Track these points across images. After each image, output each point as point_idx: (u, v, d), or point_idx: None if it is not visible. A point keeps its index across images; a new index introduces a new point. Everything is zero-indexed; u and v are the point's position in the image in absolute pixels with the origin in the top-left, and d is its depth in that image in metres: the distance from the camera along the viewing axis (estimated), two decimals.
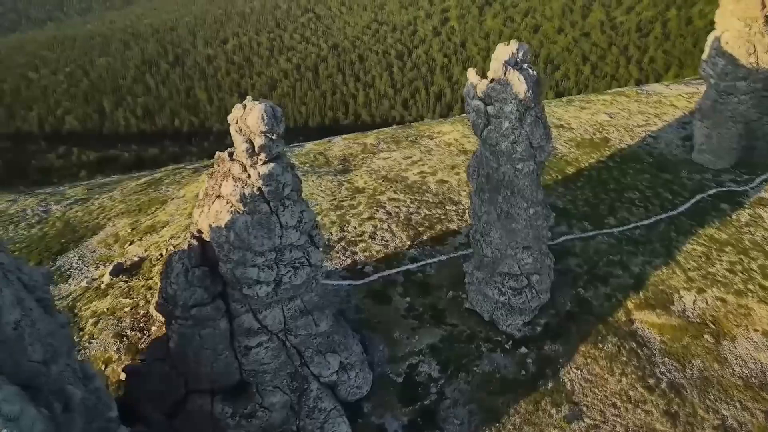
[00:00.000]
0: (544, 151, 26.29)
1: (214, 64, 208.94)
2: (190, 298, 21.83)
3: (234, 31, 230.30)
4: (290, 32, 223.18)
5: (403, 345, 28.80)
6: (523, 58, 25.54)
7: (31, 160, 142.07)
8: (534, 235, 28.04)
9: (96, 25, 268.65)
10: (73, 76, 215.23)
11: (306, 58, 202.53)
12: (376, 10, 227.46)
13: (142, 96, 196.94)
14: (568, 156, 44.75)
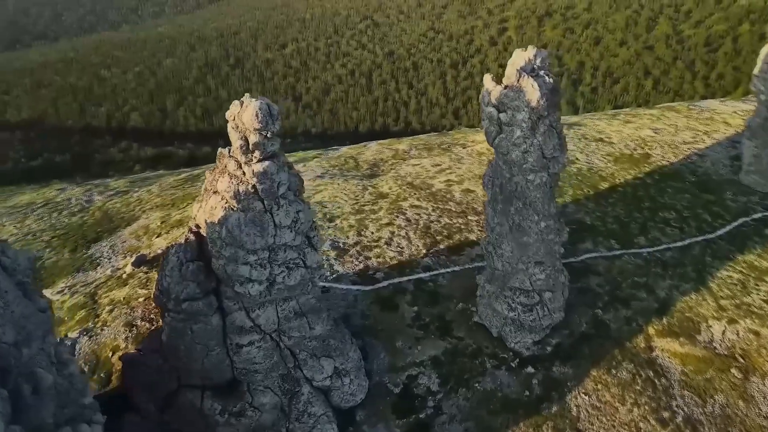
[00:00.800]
0: (558, 162, 25.09)
1: (272, 67, 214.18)
2: (182, 292, 22.01)
3: (293, 37, 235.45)
4: (347, 38, 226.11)
5: (405, 355, 28.09)
6: (541, 65, 24.52)
7: (95, 153, 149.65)
8: (546, 251, 26.80)
9: (166, 28, 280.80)
10: (142, 75, 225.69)
11: (361, 64, 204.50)
12: (434, 18, 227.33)
13: (202, 96, 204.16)
14: (603, 171, 42.82)
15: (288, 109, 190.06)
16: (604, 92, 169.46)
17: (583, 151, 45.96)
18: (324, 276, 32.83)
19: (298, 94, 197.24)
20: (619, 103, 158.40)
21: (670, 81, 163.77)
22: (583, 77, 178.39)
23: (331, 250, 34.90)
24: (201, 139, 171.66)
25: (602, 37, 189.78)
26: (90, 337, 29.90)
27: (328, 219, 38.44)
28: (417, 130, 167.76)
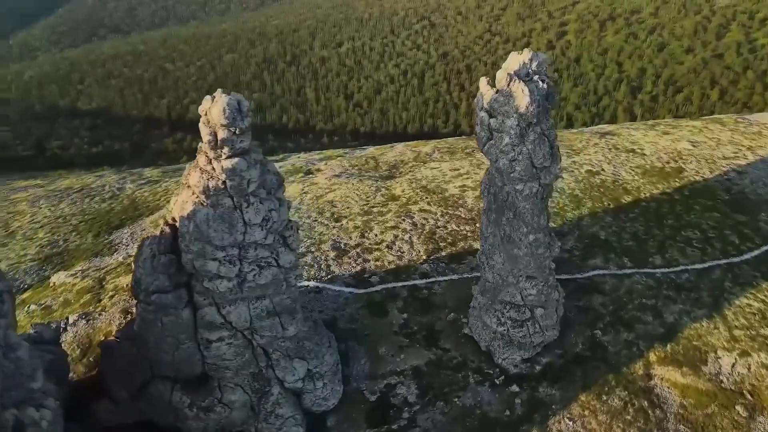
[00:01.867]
0: (550, 173, 23.75)
1: (326, 65, 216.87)
2: (152, 284, 22.23)
3: (350, 35, 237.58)
4: (403, 38, 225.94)
5: (386, 362, 27.42)
6: (537, 69, 23.25)
7: (151, 143, 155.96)
8: (536, 265, 25.48)
9: (230, 24, 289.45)
10: (203, 69, 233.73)
11: (414, 65, 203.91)
12: (492, 20, 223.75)
13: (257, 91, 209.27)
14: (629, 184, 40.53)
15: (339, 107, 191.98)
16: (665, 101, 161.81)
17: (611, 162, 43.71)
18: (319, 276, 32.62)
19: (350, 92, 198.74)
20: (680, 114, 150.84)
21: (739, 92, 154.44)
22: (643, 85, 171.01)
23: (331, 251, 34.62)
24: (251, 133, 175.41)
25: (668, 43, 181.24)
26: (87, 321, 30.79)
27: (335, 219, 38.17)
28: (466, 132, 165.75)
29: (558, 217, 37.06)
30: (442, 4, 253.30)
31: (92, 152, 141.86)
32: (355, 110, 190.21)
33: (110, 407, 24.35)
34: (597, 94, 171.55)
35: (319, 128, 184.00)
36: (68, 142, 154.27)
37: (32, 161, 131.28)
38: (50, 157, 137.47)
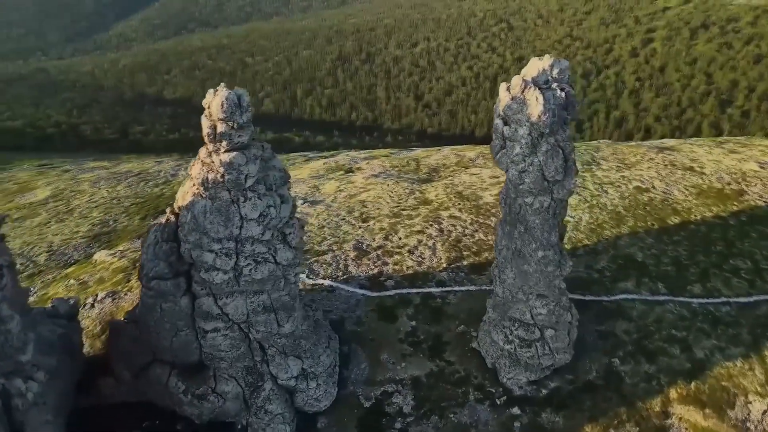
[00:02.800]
0: (564, 187, 22.31)
1: (399, 65, 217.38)
2: (151, 270, 22.84)
3: (426, 36, 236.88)
4: (479, 41, 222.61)
5: (387, 369, 26.83)
6: (558, 77, 21.91)
7: None
8: (546, 283, 24.06)
9: (309, 21, 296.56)
10: (280, 65, 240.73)
11: (488, 68, 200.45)
12: (573, 25, 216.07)
13: (330, 88, 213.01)
14: (680, 204, 37.65)
15: (408, 107, 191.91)
16: (758, 117, 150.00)
17: (664, 180, 40.79)
18: (335, 275, 32.46)
19: (420, 93, 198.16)
20: None
21: None
22: (734, 98, 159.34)
23: (352, 251, 34.38)
24: (319, 128, 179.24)
25: (765, 55, 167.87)
26: (113, 299, 32.22)
27: (363, 219, 37.91)
28: None
29: (594, 234, 34.99)
30: (522, 6, 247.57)
31: (169, 139, 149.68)
32: (423, 111, 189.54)
33: (114, 385, 25.28)
34: (681, 106, 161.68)
35: (387, 127, 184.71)
36: (150, 128, 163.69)
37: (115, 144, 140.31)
38: (132, 141, 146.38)
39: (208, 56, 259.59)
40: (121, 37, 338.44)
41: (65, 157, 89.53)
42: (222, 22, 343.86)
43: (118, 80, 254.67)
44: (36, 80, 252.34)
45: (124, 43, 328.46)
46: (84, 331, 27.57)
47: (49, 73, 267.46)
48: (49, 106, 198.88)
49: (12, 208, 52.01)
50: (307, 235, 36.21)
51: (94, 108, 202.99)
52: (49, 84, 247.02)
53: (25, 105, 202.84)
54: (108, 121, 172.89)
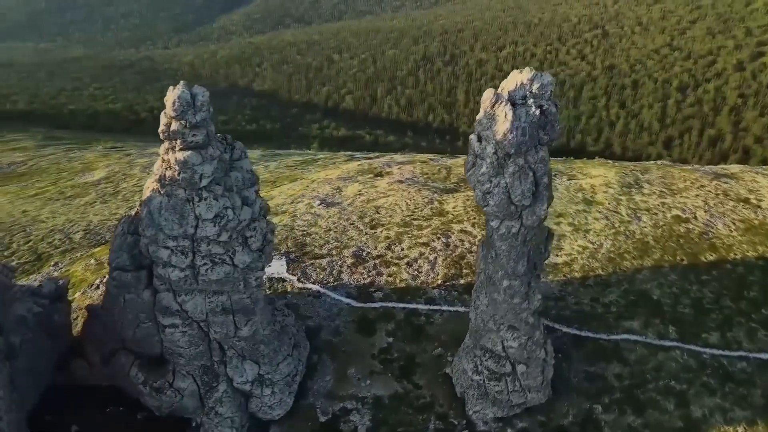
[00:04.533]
0: (534, 213, 20.32)
1: (482, 68, 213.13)
2: (114, 260, 23.31)
3: (513, 40, 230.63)
4: (569, 47, 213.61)
5: (351, 385, 25.90)
6: (538, 93, 19.93)
7: (299, 126, 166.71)
8: (513, 315, 22.12)
9: (399, 21, 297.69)
10: (365, 62, 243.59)
11: (574, 75, 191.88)
12: (675, 33, 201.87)
13: (410, 88, 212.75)
14: (721, 239, 33.68)
15: None
16: None
17: (709, 211, 36.70)
18: (326, 281, 31.87)
19: None
20: None
21: None
22: None
23: (350, 257, 33.64)
24: (393, 128, 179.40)
25: None
26: None
27: (371, 226, 37.03)
28: (617, 154, 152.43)
29: (611, 264, 32.04)
30: (621, 12, 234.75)
31: (246, 129, 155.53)
32: None
33: (85, 367, 26.13)
34: None
35: (462, 130, 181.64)
36: (231, 118, 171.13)
37: None
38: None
39: (297, 51, 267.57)
40: (223, 29, 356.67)
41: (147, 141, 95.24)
42: (316, 19, 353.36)
43: (214, 71, 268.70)
44: (141, 67, 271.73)
45: (225, 35, 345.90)
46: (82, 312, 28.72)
47: (154, 61, 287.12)
48: (149, 92, 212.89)
49: (68, 186, 55.90)
50: (311, 237, 35.91)
51: None
52: (153, 71, 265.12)
53: (128, 90, 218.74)
54: None
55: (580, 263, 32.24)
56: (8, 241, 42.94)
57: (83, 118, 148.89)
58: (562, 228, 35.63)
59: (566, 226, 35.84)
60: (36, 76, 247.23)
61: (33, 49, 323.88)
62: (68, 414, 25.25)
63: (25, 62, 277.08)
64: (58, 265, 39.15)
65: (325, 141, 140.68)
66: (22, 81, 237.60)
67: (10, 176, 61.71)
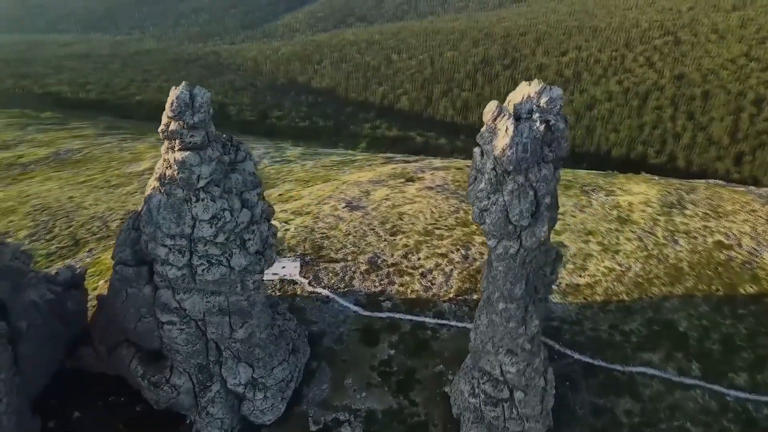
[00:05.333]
0: (533, 235, 19.11)
1: (543, 72, 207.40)
2: (117, 255, 23.71)
3: (577, 45, 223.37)
4: (636, 54, 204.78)
5: (346, 396, 25.38)
6: (546, 107, 18.75)
7: (351, 125, 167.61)
8: (509, 340, 20.95)
9: (461, 22, 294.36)
10: (423, 63, 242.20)
11: (640, 84, 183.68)
12: (753, 43, 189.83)
13: (467, 91, 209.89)
14: (766, 270, 31.00)
15: None
16: None
17: (757, 238, 33.91)
18: (336, 286, 31.46)
19: None
20: None
21: None
22: None
23: (365, 264, 33.13)
24: (446, 131, 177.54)
25: None
26: None
27: (392, 232, 36.37)
28: (680, 169, 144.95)
29: (638, 289, 30.07)
30: (696, 19, 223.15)
31: (299, 126, 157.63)
32: None
33: (92, 355, 26.82)
34: None
35: None
36: (287, 114, 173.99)
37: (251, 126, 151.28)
38: (267, 125, 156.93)
39: (357, 50, 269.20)
40: (287, 27, 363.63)
41: None
42: (378, 18, 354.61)
43: (276, 67, 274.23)
44: (207, 62, 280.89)
45: (289, 32, 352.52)
46: None
47: (220, 56, 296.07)
48: (210, 86, 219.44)
49: (115, 175, 58.10)
50: (330, 240, 35.62)
51: (248, 91, 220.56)
52: (217, 66, 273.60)
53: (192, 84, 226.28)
54: (253, 104, 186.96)
55: (603, 286, 30.43)
56: (51, 225, 44.94)
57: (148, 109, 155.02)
58: (590, 247, 33.80)
59: (595, 245, 33.97)
60: (110, 67, 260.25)
61: (110, 42, 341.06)
62: (72, 400, 25.97)
63: (101, 54, 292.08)
64: (92, 251, 40.62)
65: (375, 141, 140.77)
66: (97, 71, 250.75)
67: (66, 162, 64.81)
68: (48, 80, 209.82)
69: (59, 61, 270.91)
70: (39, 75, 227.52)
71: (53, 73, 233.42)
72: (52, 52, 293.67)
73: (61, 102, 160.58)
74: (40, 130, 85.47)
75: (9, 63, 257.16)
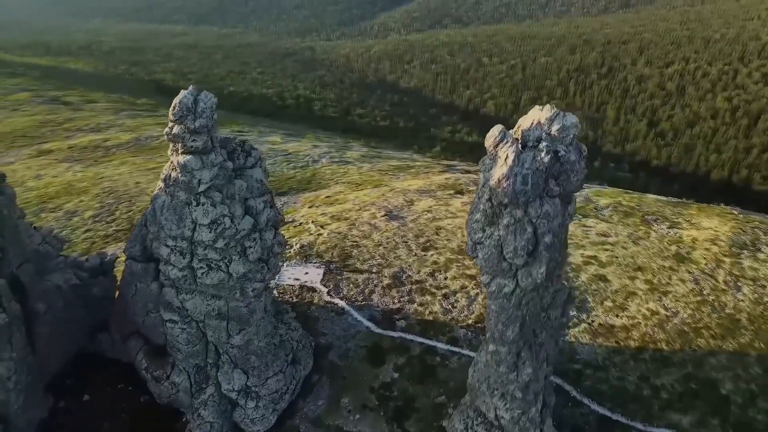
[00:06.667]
0: (530, 275, 17.26)
1: (642, 84, 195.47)
2: (128, 250, 24.28)
3: (685, 56, 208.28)
4: (751, 68, 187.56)
5: (340, 416, 24.56)
6: (558, 136, 16.90)
7: (432, 127, 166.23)
8: (500, 385, 19.19)
9: (560, 28, 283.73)
10: (514, 68, 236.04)
11: (752, 102, 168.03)
12: None
13: (557, 99, 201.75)
14: None
15: (637, 133, 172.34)
16: None
17: None
18: (354, 299, 30.69)
19: (657, 119, 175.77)
20: None
21: None
22: None
23: (388, 278, 32.12)
24: None
25: None
26: None
27: (424, 248, 35.08)
28: None
29: (681, 338, 26.91)
30: None
31: (379, 124, 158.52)
32: (654, 139, 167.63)
33: (109, 341, 27.80)
34: None
35: (605, 150, 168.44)
36: (368, 112, 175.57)
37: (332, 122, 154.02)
38: (348, 121, 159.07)
39: (448, 51, 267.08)
40: (382, 26, 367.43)
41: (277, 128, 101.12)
42: (475, 21, 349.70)
43: (366, 65, 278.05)
44: (302, 57, 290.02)
45: (383, 31, 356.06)
46: None
47: (315, 51, 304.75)
48: (302, 81, 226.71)
49: None
50: (359, 249, 34.93)
51: (336, 87, 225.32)
52: (311, 61, 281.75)
53: (285, 77, 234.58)
54: (338, 101, 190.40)
55: (641, 330, 27.52)
56: (114, 208, 47.53)
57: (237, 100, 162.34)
58: (636, 284, 30.77)
59: (642, 282, 30.89)
60: (213, 58, 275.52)
61: (216, 34, 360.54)
62: (86, 383, 27.04)
63: (207, 45, 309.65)
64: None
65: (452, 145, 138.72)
66: (201, 61, 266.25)
67: (143, 148, 68.67)
68: (155, 68, 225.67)
69: (169, 50, 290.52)
70: (149, 62, 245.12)
71: (161, 61, 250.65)
72: (163, 42, 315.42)
73: (162, 89, 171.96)
74: (131, 116, 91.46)
75: (125, 50, 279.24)
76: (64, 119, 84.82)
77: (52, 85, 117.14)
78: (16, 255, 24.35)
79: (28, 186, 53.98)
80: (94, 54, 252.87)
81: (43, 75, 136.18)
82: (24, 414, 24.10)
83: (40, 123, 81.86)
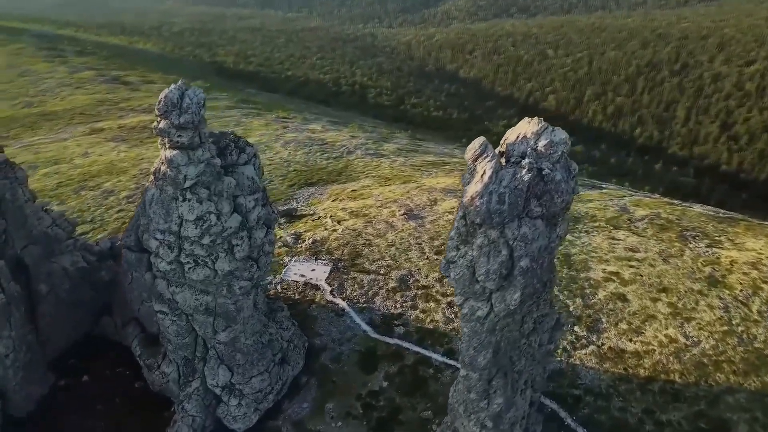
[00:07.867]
0: (503, 300, 16.00)
1: (717, 84, 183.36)
2: (124, 239, 24.53)
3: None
4: None
5: (323, 421, 24.09)
6: (544, 152, 15.55)
7: (485, 120, 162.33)
8: (472, 412, 18.06)
9: (633, 20, 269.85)
10: (579, 62, 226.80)
11: None
12: None
13: (623, 96, 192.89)
14: None
15: (707, 135, 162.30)
16: None
17: None
18: (356, 300, 30.05)
19: (731, 121, 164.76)
20: None
21: None
22: None
23: (394, 281, 31.28)
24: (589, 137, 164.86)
25: None
26: None
27: (438, 251, 33.95)
28: None
29: (698, 371, 24.73)
30: None
31: (431, 115, 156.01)
32: (727, 143, 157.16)
33: (111, 325, 28.43)
34: None
35: (671, 152, 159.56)
36: (423, 101, 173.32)
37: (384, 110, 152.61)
38: (401, 110, 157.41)
39: (512, 42, 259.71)
40: (446, 14, 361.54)
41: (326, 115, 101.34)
42: (542, 11, 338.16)
43: (427, 53, 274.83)
44: (362, 43, 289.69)
45: (446, 19, 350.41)
46: None
47: (376, 38, 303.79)
48: (360, 67, 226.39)
49: None
50: (370, 248, 34.22)
51: (392, 75, 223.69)
52: (371, 48, 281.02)
53: (344, 63, 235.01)
54: (393, 89, 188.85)
55: (654, 358, 25.51)
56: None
57: (293, 84, 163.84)
58: (658, 307, 28.59)
59: (664, 305, 28.66)
60: (275, 42, 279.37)
61: (281, 18, 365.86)
62: (88, 363, 27.79)
63: (271, 28, 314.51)
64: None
65: None
66: (264, 45, 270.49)
67: None
68: (219, 50, 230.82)
69: (234, 32, 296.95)
70: (213, 44, 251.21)
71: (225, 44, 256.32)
72: (230, 24, 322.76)
73: (222, 71, 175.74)
74: None
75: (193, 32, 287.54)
76: (121, 99, 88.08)
77: (116, 64, 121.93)
78: (21, 237, 25.15)
79: (75, 163, 56.29)
80: (163, 35, 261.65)
81: (111, 54, 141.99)
82: (22, 390, 25.00)
83: (98, 102, 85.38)
